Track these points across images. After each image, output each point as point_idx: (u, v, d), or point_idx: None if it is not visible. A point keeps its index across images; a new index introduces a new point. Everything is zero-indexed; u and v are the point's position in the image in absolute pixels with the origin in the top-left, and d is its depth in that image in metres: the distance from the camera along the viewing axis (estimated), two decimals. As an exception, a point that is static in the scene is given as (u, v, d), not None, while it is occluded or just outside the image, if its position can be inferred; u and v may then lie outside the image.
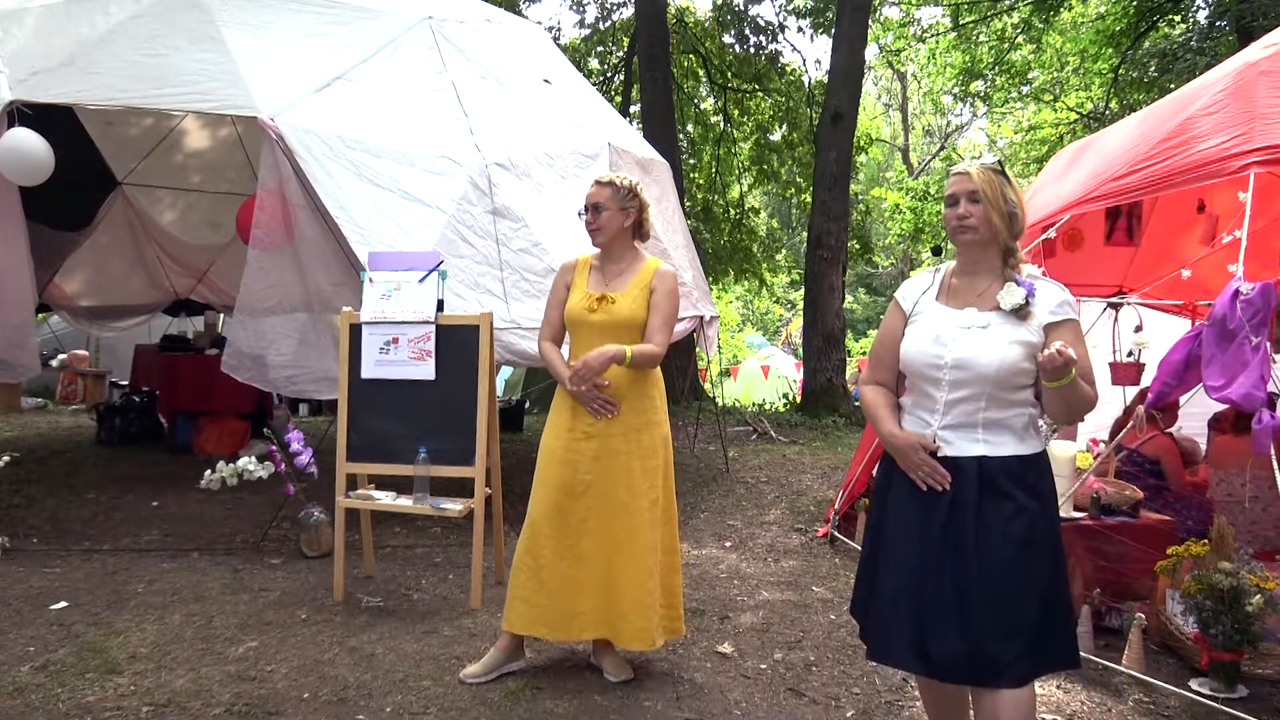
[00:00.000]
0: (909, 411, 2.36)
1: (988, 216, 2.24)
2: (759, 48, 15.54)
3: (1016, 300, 2.21)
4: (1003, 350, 2.19)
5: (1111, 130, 5.05)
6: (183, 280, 8.73)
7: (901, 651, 2.24)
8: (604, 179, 3.25)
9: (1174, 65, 10.76)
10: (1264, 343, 3.11)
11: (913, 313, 2.37)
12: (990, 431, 2.23)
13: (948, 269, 2.40)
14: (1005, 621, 2.13)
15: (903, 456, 2.29)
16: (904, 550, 2.26)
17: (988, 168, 2.28)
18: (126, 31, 5.02)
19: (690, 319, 6.39)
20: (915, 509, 2.26)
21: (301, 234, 4.71)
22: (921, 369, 2.28)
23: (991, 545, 2.16)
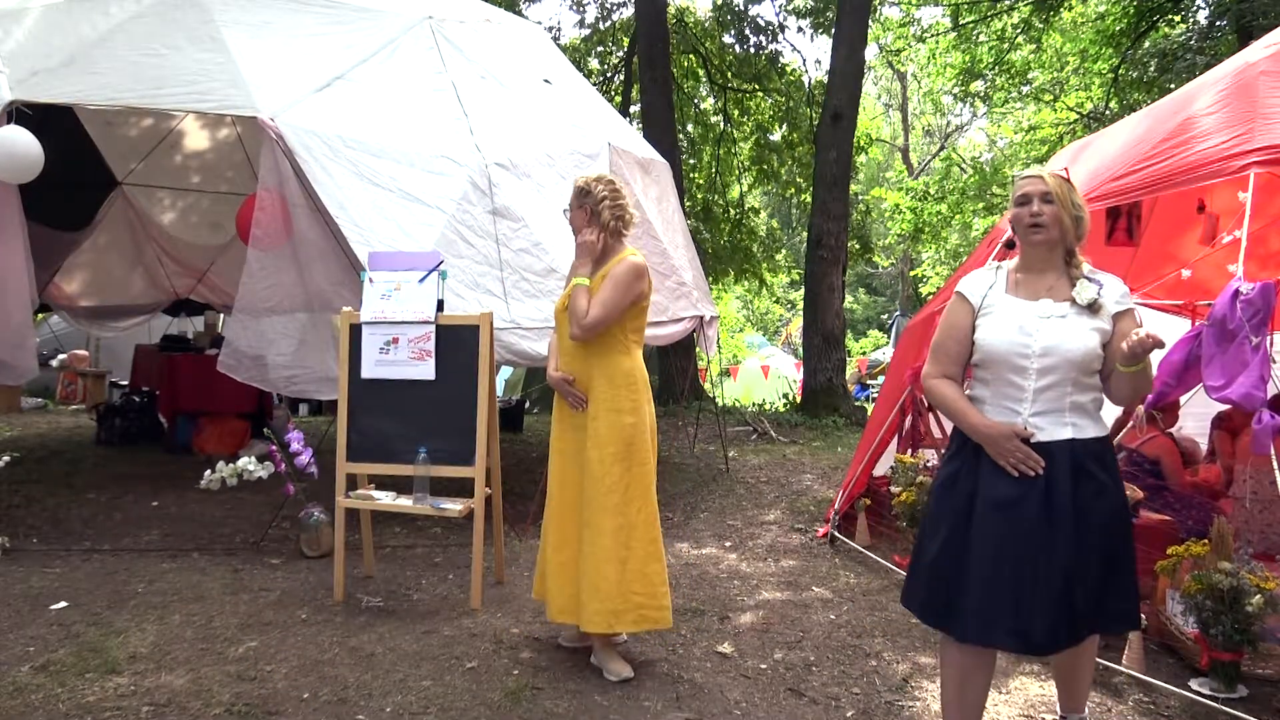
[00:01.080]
0: (990, 403, 2.45)
1: (1059, 217, 2.42)
2: (759, 48, 15.54)
3: (1092, 295, 2.39)
4: (1085, 336, 2.37)
5: (1111, 130, 5.05)
6: (183, 280, 8.73)
7: (1002, 633, 2.35)
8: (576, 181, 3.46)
9: (1174, 65, 10.76)
10: (1264, 343, 3.11)
11: (983, 306, 2.49)
12: (1075, 415, 2.39)
13: (1008, 266, 2.55)
14: (1092, 592, 2.33)
15: (996, 445, 2.38)
16: (1001, 536, 2.35)
17: (1057, 174, 2.46)
18: (126, 31, 5.02)
19: (690, 319, 6.39)
20: (1009, 496, 2.36)
21: (301, 234, 4.71)
22: (1008, 357, 2.40)
23: (1086, 523, 2.33)
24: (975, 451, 2.44)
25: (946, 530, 2.44)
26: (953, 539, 2.42)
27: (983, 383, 2.49)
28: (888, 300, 31.88)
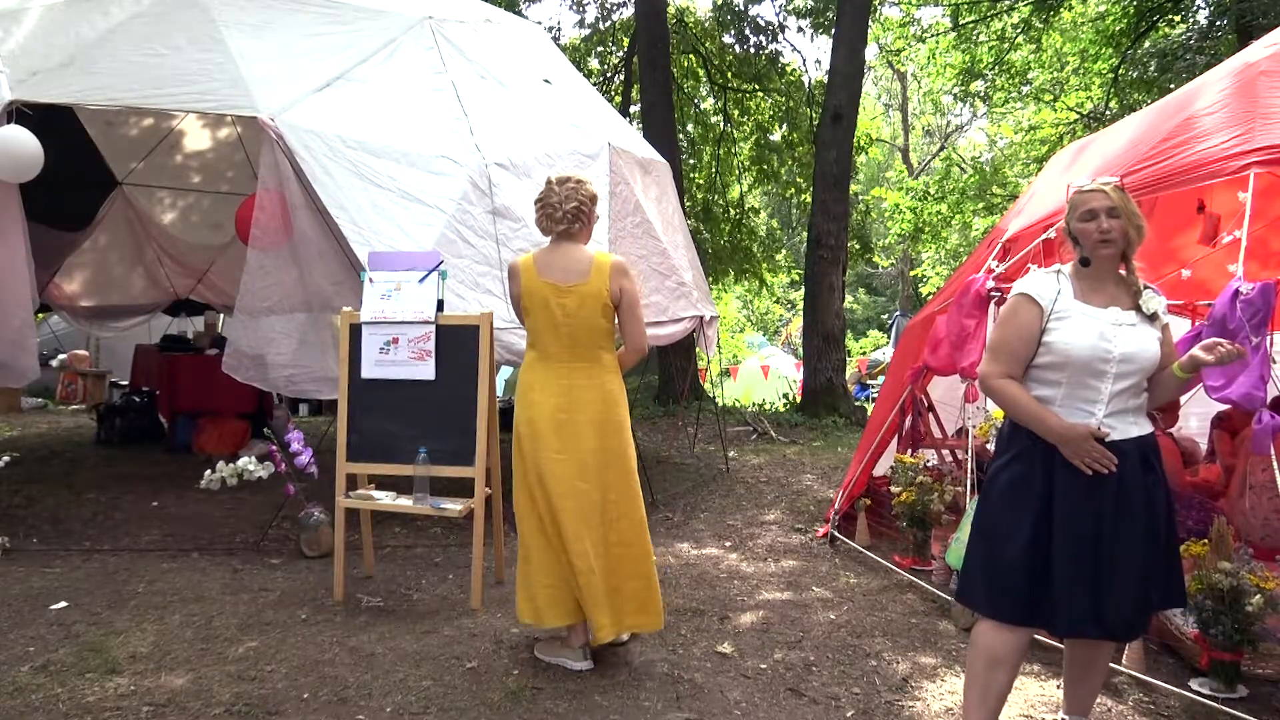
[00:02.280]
0: (1061, 404, 2.53)
1: (1125, 230, 2.53)
2: (759, 48, 15.53)
3: (1157, 306, 2.56)
4: (1154, 344, 2.53)
5: (1111, 130, 5.05)
6: (183, 280, 8.74)
7: (1088, 624, 2.47)
8: None
9: (1174, 65, 10.76)
10: (1264, 342, 3.11)
11: (1054, 311, 2.55)
12: (1137, 415, 2.55)
13: (1065, 270, 2.63)
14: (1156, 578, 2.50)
15: (1075, 445, 2.46)
16: (1081, 532, 2.46)
17: (1118, 186, 2.56)
18: (126, 31, 5.02)
19: (690, 319, 6.39)
20: (1086, 493, 2.47)
21: (301, 234, 4.71)
22: (1090, 363, 2.49)
23: (1154, 515, 2.49)
24: (1046, 451, 2.51)
25: (1018, 530, 2.51)
26: (1034, 538, 2.49)
27: (1051, 384, 2.55)
28: (888, 300, 31.88)
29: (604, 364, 3.37)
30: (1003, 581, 2.54)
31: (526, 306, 3.38)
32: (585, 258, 3.35)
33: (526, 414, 3.35)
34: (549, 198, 3.39)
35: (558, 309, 3.30)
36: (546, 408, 3.31)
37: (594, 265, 3.33)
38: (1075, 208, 2.60)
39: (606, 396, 3.36)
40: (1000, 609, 2.57)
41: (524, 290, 3.36)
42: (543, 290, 3.32)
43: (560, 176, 3.43)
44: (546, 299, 3.31)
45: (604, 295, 3.30)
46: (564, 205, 3.35)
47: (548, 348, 3.36)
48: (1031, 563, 2.50)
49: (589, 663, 3.37)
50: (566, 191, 3.37)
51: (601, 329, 3.35)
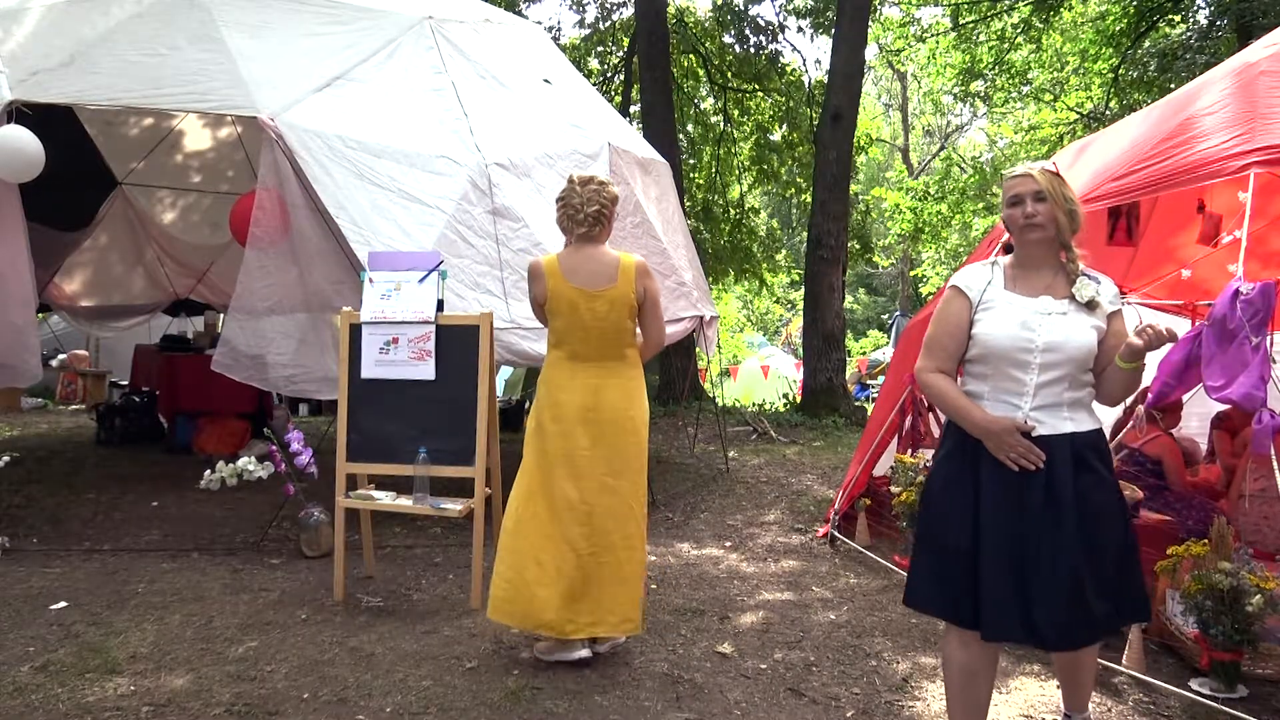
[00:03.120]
0: (989, 398, 2.45)
1: (1053, 214, 2.41)
2: (759, 48, 15.53)
3: (1092, 292, 2.41)
4: (1086, 333, 2.39)
5: (1111, 130, 5.05)
6: (183, 280, 8.74)
7: (1013, 627, 2.35)
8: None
9: (1174, 65, 10.76)
10: (1264, 342, 3.11)
11: (982, 301, 2.48)
12: (1073, 409, 2.41)
13: (1004, 262, 2.54)
14: (1098, 584, 2.33)
15: (997, 440, 2.38)
16: (1005, 532, 2.36)
17: (1047, 170, 2.44)
18: (126, 31, 5.02)
19: (690, 319, 6.39)
20: (1009, 491, 2.37)
21: (301, 234, 4.71)
22: (1010, 353, 2.40)
23: (1085, 516, 2.34)
24: (975, 447, 2.43)
25: (956, 528, 2.43)
26: (962, 537, 2.41)
27: (980, 378, 2.48)
28: (888, 300, 31.88)
29: (629, 360, 3.46)
30: (946, 582, 2.46)
31: (553, 309, 3.38)
32: (611, 261, 3.38)
33: (554, 411, 3.38)
34: (571, 198, 3.40)
35: (588, 313, 3.33)
36: (574, 405, 3.35)
37: (620, 269, 3.36)
38: (1004, 194, 2.51)
39: (632, 395, 3.43)
40: (950, 610, 2.48)
41: (550, 293, 3.37)
42: (571, 295, 3.34)
43: (583, 177, 3.44)
44: (576, 303, 3.33)
45: (631, 298, 3.36)
46: (586, 208, 3.37)
47: (576, 349, 3.39)
48: (959, 561, 2.42)
49: (587, 651, 3.38)
50: (589, 194, 3.39)
51: (628, 329, 3.43)
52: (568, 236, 3.45)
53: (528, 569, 3.30)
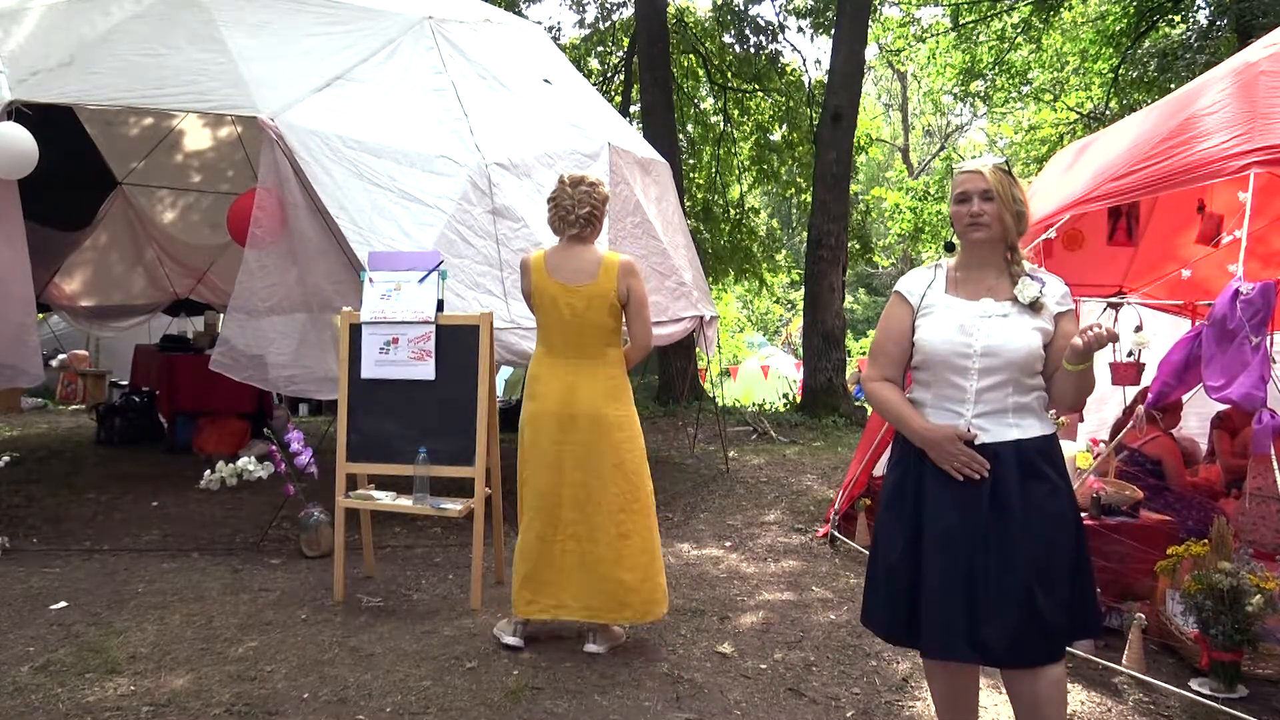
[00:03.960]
0: (932, 406, 2.36)
1: (1000, 215, 2.31)
2: (759, 48, 15.52)
3: (1034, 293, 2.31)
4: (1027, 336, 2.29)
5: (1111, 130, 5.05)
6: (183, 280, 8.73)
7: (958, 645, 2.24)
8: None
9: (1174, 65, 10.76)
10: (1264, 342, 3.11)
11: (922, 306, 2.40)
12: (1019, 415, 2.31)
13: (948, 264, 2.46)
14: (1050, 596, 2.20)
15: (938, 449, 2.29)
16: (949, 544, 2.26)
17: (998, 167, 2.35)
18: (126, 31, 5.02)
19: (690, 319, 6.39)
20: (953, 502, 2.27)
21: (301, 234, 4.71)
22: (948, 358, 2.31)
23: (1035, 525, 2.22)
24: (919, 457, 2.35)
25: (902, 542, 2.34)
26: (908, 551, 2.32)
27: (923, 385, 2.41)
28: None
29: (609, 360, 3.47)
30: (885, 597, 2.38)
31: (536, 304, 3.47)
32: (594, 258, 3.42)
33: (532, 406, 3.47)
34: (562, 199, 3.45)
35: (566, 309, 3.39)
36: (551, 401, 3.42)
37: (602, 266, 3.40)
38: (952, 189, 2.41)
39: (607, 394, 3.43)
40: (887, 629, 2.40)
41: (534, 288, 3.45)
42: (552, 290, 3.40)
43: (574, 177, 3.49)
44: (555, 298, 3.40)
45: (611, 295, 3.39)
46: (577, 209, 3.43)
47: (555, 344, 3.46)
48: (904, 576, 2.32)
49: (519, 640, 3.49)
50: (580, 195, 3.44)
51: (608, 328, 3.43)
52: (559, 236, 3.50)
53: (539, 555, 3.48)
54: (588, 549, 3.40)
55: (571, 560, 3.41)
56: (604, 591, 3.40)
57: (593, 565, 3.40)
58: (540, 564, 3.44)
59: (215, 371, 4.88)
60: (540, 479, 3.45)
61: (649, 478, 3.54)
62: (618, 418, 3.44)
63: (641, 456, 3.52)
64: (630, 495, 3.43)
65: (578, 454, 3.40)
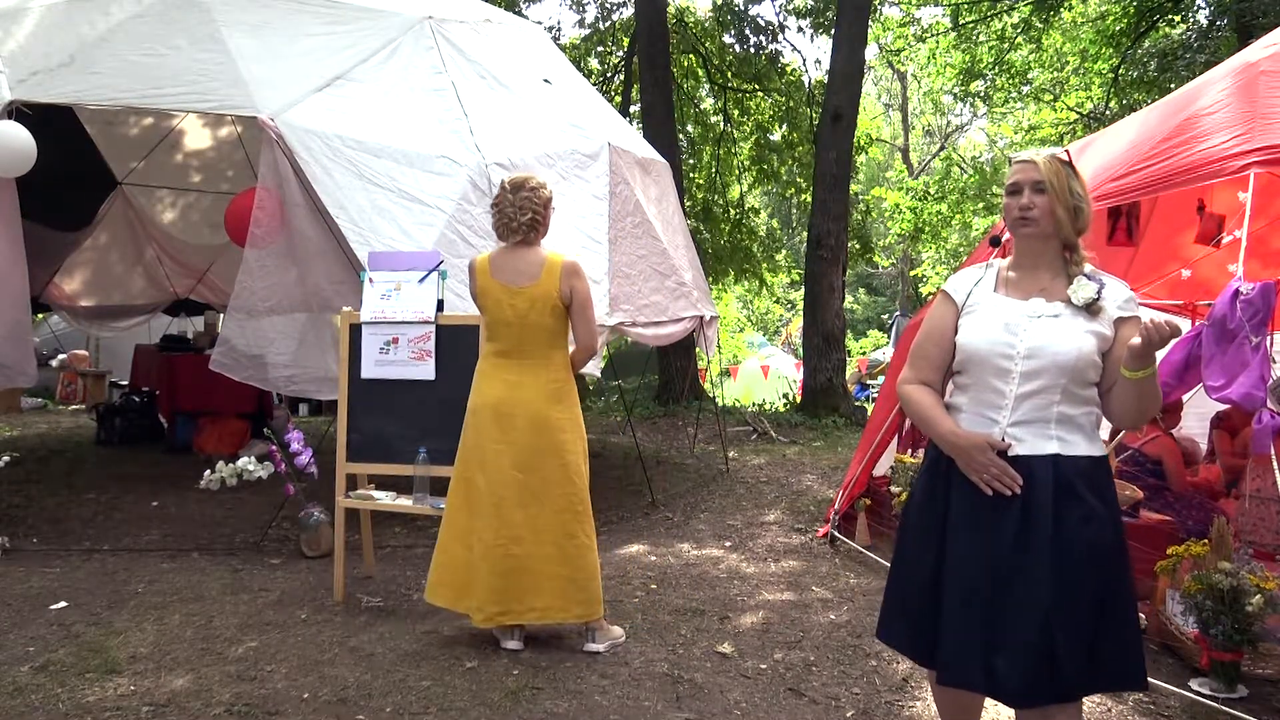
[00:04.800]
0: (966, 410, 2.19)
1: (1052, 209, 2.13)
2: (759, 48, 15.52)
3: (1089, 295, 2.10)
4: (1079, 339, 2.08)
5: (1111, 130, 5.05)
6: (183, 280, 8.73)
7: (973, 673, 2.06)
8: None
9: (1174, 65, 10.76)
10: (1264, 342, 3.11)
11: (967, 305, 2.23)
12: (1063, 428, 2.09)
13: (1001, 264, 2.28)
14: (1072, 636, 2.00)
15: (967, 457, 2.10)
16: (970, 563, 2.08)
17: (1055, 157, 2.16)
18: (126, 31, 5.02)
19: (690, 319, 6.39)
20: (979, 517, 2.10)
21: (301, 234, 4.71)
22: (989, 359, 2.13)
23: (1064, 554, 2.02)
24: (949, 465, 2.17)
25: (921, 555, 2.19)
26: (925, 566, 2.17)
27: (961, 389, 2.23)
28: (888, 300, 31.88)
29: (552, 362, 3.48)
30: (909, 613, 2.21)
31: (481, 305, 3.52)
32: (538, 259, 3.44)
33: (473, 403, 3.51)
34: (504, 206, 3.47)
35: (509, 310, 3.42)
36: (491, 400, 3.45)
37: (545, 267, 3.43)
38: (1007, 179, 2.23)
39: (549, 393, 3.45)
40: (919, 650, 2.22)
41: (479, 290, 3.49)
42: (495, 291, 3.44)
43: (515, 181, 3.50)
44: (499, 300, 3.43)
45: (554, 296, 3.41)
46: (519, 216, 3.45)
47: (499, 344, 3.50)
48: (927, 593, 2.15)
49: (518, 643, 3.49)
50: (521, 201, 3.45)
51: (550, 328, 3.45)
52: (503, 242, 3.51)
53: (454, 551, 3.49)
54: (534, 550, 3.40)
55: (517, 564, 3.39)
56: (552, 591, 3.42)
57: (540, 566, 3.40)
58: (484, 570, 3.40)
59: (215, 371, 4.88)
60: (479, 479, 3.46)
61: (586, 479, 3.55)
62: (560, 419, 3.46)
63: (583, 459, 3.53)
64: (576, 497, 3.46)
65: (518, 455, 3.41)
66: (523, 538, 3.39)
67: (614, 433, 9.33)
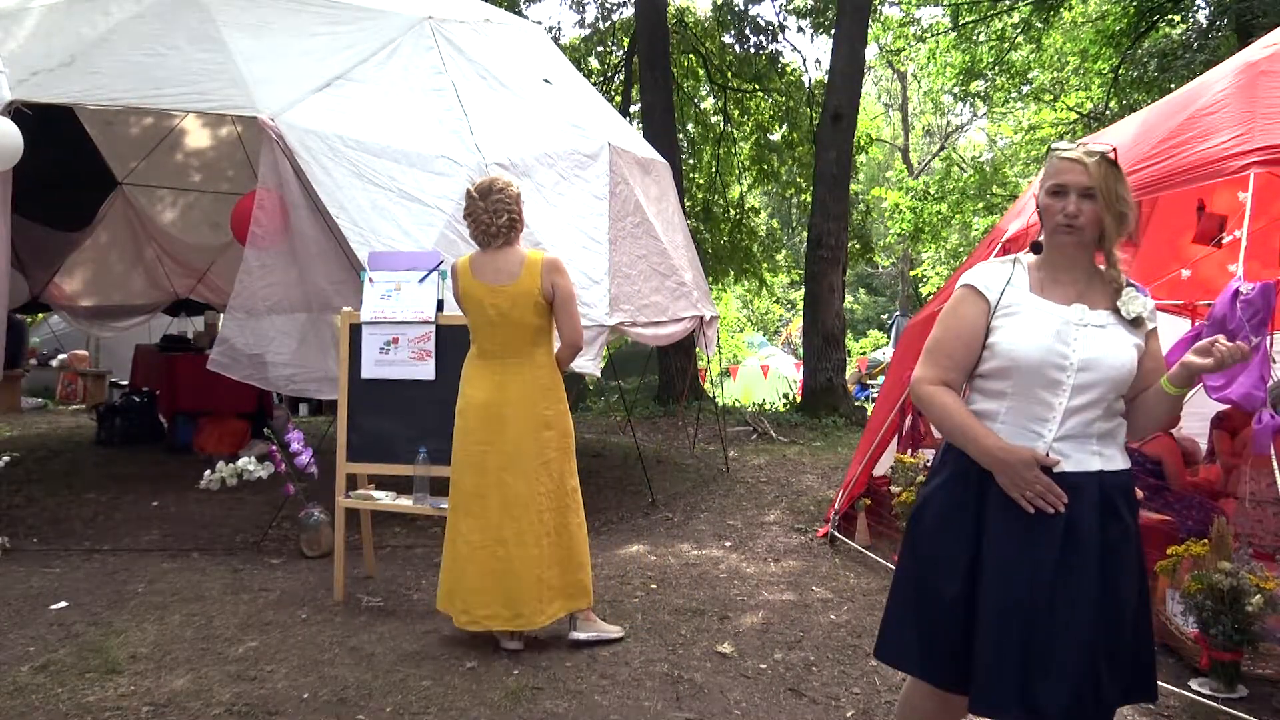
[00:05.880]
0: (1004, 420, 2.04)
1: (1098, 217, 2.00)
2: (759, 48, 15.52)
3: (1140, 309, 2.02)
4: (1127, 352, 2.00)
5: (1111, 130, 5.05)
6: (183, 280, 8.74)
7: (1009, 703, 1.95)
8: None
9: (1174, 65, 10.76)
10: (1264, 342, 3.11)
11: (1000, 305, 2.06)
12: (1104, 443, 2.02)
13: (1027, 259, 2.14)
14: (1112, 658, 1.94)
15: (1013, 474, 1.96)
16: (1010, 585, 1.97)
17: (1105, 158, 2.02)
18: (126, 31, 5.03)
19: (690, 319, 6.39)
20: (1021, 536, 1.97)
21: (301, 234, 4.71)
22: (1040, 368, 1.98)
23: (1113, 574, 1.95)
24: (981, 479, 2.02)
25: (947, 573, 2.04)
26: (953, 584, 2.03)
27: (994, 396, 2.06)
28: (888, 300, 31.88)
29: (537, 361, 3.48)
30: (935, 636, 2.05)
31: (464, 307, 3.53)
32: (518, 258, 3.45)
33: (460, 405, 3.51)
34: (478, 214, 3.46)
35: (491, 309, 3.42)
36: (477, 401, 3.45)
37: (525, 264, 3.42)
38: (1047, 177, 2.06)
39: (535, 393, 3.45)
40: (933, 671, 2.08)
41: (462, 292, 3.49)
42: (477, 292, 3.44)
43: (482, 186, 3.49)
44: (481, 300, 3.43)
45: (535, 293, 3.40)
46: (496, 220, 3.45)
47: (483, 345, 3.51)
48: (960, 614, 2.02)
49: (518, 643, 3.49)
50: (494, 205, 3.44)
51: (533, 327, 3.45)
52: (483, 249, 3.51)
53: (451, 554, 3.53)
54: (516, 553, 3.40)
55: (502, 566, 3.40)
56: (535, 594, 3.42)
57: (524, 569, 3.40)
58: (471, 572, 3.42)
59: (215, 371, 4.87)
60: (467, 480, 3.47)
61: (574, 474, 3.57)
62: (545, 416, 3.46)
63: (568, 454, 3.54)
64: (556, 493, 3.47)
65: (503, 455, 3.41)
66: (507, 539, 3.40)
67: (614, 433, 9.33)
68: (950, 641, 2.04)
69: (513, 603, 3.40)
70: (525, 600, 3.40)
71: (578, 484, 3.59)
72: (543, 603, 3.43)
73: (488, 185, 3.48)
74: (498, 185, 3.47)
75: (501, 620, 3.42)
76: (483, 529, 3.42)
